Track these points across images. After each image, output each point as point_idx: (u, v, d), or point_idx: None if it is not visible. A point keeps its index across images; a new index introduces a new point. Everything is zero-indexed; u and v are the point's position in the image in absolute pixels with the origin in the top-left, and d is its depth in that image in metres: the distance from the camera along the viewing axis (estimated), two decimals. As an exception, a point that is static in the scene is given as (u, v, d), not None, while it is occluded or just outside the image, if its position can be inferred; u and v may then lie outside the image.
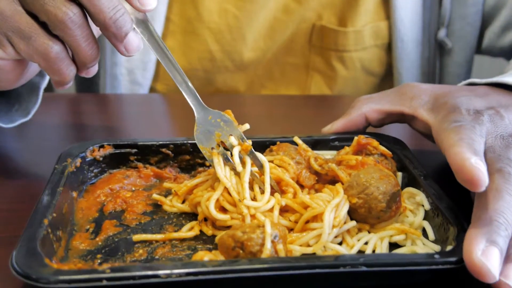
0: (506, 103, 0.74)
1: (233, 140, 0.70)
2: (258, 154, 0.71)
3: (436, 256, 0.57)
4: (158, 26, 1.16)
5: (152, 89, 1.24)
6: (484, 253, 0.55)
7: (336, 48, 1.21)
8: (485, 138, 0.66)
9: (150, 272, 0.54)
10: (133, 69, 1.19)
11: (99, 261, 0.62)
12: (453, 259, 0.57)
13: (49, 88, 0.96)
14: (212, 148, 0.70)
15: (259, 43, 1.20)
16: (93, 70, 0.70)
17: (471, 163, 0.59)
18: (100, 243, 0.66)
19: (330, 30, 1.20)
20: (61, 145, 0.80)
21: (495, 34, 1.17)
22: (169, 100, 1.22)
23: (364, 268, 0.55)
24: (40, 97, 0.88)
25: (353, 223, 0.66)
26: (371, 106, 0.82)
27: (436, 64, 1.21)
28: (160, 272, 0.54)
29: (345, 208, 0.66)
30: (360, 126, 0.83)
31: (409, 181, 0.73)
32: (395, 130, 0.91)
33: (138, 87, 1.20)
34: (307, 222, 0.66)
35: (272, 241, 0.59)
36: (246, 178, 0.68)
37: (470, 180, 0.58)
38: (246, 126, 0.71)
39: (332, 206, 0.65)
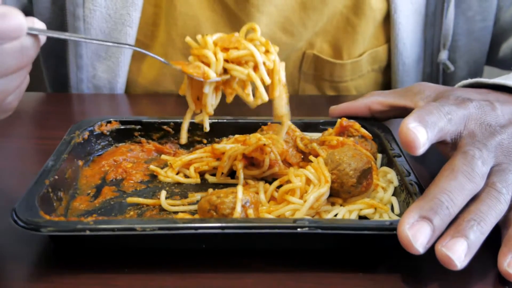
0: (504, 99, 0.73)
1: None
2: None
3: (387, 223, 0.62)
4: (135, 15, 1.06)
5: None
6: (412, 227, 0.58)
7: (332, 79, 1.14)
8: (463, 121, 0.67)
9: (127, 225, 0.61)
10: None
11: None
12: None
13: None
14: None
15: None
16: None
17: (408, 127, 0.62)
18: (97, 205, 0.73)
19: (325, 61, 1.12)
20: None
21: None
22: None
23: (319, 231, 0.61)
24: None
25: (328, 207, 0.71)
26: (376, 98, 0.84)
27: (439, 78, 1.15)
28: (136, 225, 0.61)
29: (327, 194, 0.70)
30: (361, 114, 0.85)
31: (387, 161, 0.78)
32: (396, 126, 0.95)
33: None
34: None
35: (243, 206, 0.65)
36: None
37: (405, 141, 0.62)
38: None
39: (317, 195, 0.69)
